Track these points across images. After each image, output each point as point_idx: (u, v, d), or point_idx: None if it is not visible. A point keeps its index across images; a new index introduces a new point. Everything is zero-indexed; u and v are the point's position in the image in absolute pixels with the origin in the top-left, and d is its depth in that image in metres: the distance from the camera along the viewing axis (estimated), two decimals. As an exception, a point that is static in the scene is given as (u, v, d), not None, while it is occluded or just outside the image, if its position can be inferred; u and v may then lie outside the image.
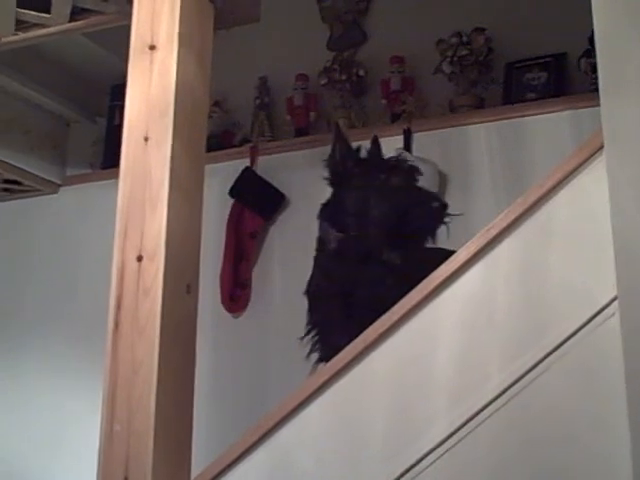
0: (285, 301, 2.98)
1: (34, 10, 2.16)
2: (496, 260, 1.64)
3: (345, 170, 2.20)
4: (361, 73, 3.16)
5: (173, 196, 1.63)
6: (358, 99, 3.17)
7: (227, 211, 3.15)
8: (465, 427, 1.55)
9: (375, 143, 2.26)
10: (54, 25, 2.20)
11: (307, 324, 2.16)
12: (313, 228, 2.45)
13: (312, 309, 2.18)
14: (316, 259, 2.22)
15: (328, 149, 3.09)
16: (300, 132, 3.22)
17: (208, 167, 1.86)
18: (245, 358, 3.02)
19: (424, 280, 1.68)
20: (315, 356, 2.14)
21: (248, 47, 3.29)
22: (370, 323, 1.69)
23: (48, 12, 2.15)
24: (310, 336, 2.16)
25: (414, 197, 2.18)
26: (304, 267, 2.34)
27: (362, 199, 2.14)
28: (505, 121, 2.88)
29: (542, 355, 1.54)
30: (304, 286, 2.21)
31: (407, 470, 1.58)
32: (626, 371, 1.41)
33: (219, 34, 1.95)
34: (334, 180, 2.21)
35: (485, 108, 2.96)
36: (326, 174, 2.21)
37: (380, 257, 2.09)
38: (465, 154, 2.91)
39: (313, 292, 2.18)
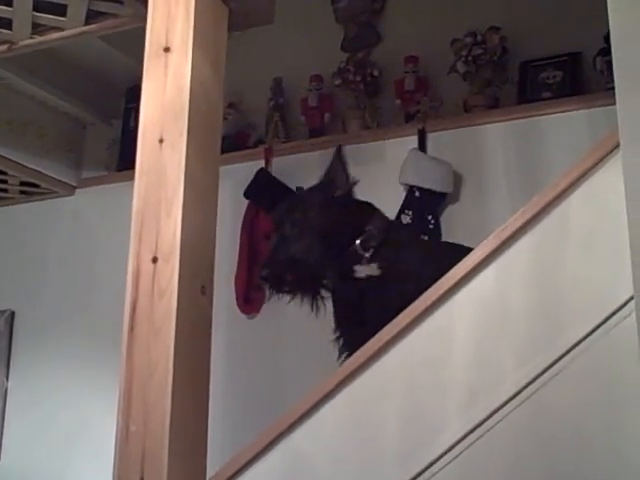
0: (299, 302, 2.98)
1: (50, 13, 2.17)
2: (511, 260, 1.64)
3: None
4: (375, 73, 3.15)
5: (188, 198, 1.64)
6: (372, 99, 3.17)
7: (242, 212, 3.16)
8: (480, 428, 1.55)
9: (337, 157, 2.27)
10: (70, 28, 2.21)
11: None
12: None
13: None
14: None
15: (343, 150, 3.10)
16: (314, 133, 3.22)
17: (223, 168, 1.87)
18: (260, 359, 3.03)
19: (438, 281, 1.68)
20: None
21: (262, 48, 3.29)
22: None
23: (64, 15, 2.16)
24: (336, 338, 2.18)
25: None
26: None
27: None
28: (520, 121, 2.87)
29: (557, 356, 1.53)
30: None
31: (422, 471, 1.58)
32: (643, 371, 1.40)
33: (233, 35, 1.96)
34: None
35: (500, 108, 2.95)
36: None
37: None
38: (480, 154, 2.90)
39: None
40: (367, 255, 2.13)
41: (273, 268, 2.14)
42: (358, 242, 2.14)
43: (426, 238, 2.77)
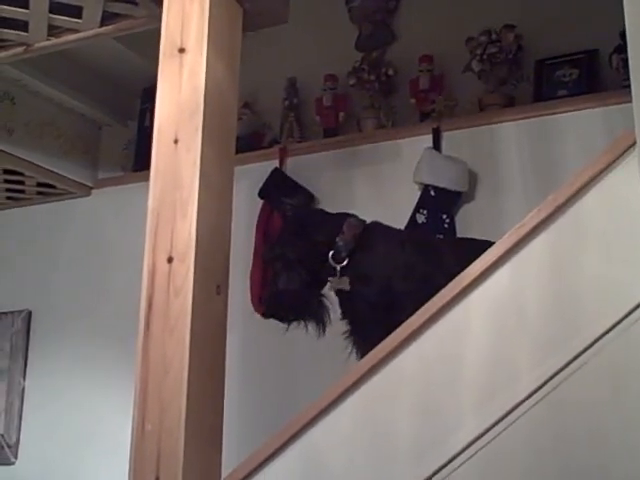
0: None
1: (65, 15, 2.18)
2: (527, 259, 1.63)
3: None
4: (390, 73, 3.15)
5: (203, 198, 1.64)
6: (387, 99, 3.17)
7: (256, 212, 3.16)
8: (496, 426, 1.54)
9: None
10: (85, 30, 2.23)
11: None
12: (342, 228, 2.44)
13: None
14: None
15: (357, 150, 3.10)
16: (329, 133, 3.22)
17: (237, 168, 1.87)
18: (274, 358, 3.03)
19: (454, 279, 1.68)
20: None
21: (277, 48, 3.30)
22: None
23: (79, 17, 2.17)
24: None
25: None
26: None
27: None
28: (535, 119, 2.85)
29: (574, 354, 1.53)
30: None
31: (439, 469, 1.57)
32: (659, 370, 1.39)
33: (247, 35, 1.96)
34: None
35: (515, 106, 2.94)
36: None
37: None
38: (495, 153, 2.89)
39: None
40: (339, 267, 2.16)
41: (269, 305, 2.22)
42: (330, 256, 2.17)
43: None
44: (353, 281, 2.16)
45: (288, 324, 2.23)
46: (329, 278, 2.18)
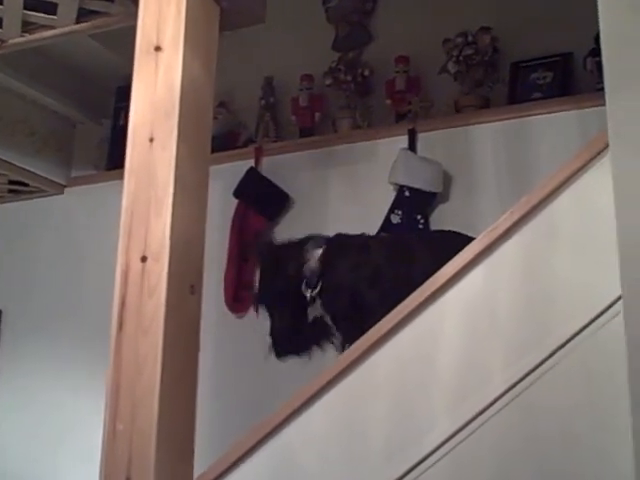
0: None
1: (40, 12, 2.16)
2: (500, 260, 1.64)
3: None
4: (366, 73, 3.15)
5: (178, 197, 1.64)
6: (363, 99, 3.17)
7: (231, 212, 3.15)
8: (468, 427, 1.55)
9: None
10: (60, 27, 2.21)
11: None
12: (317, 229, 2.45)
13: None
14: None
15: (333, 150, 3.11)
16: (305, 133, 3.22)
17: (213, 168, 1.86)
18: (248, 358, 3.02)
19: (427, 281, 1.68)
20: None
21: (253, 48, 3.29)
22: None
23: (54, 14, 2.15)
24: None
25: None
26: (308, 267, 2.33)
27: None
28: (510, 121, 2.87)
29: (545, 355, 1.54)
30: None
31: (411, 469, 1.58)
32: (629, 370, 1.41)
33: (224, 34, 1.95)
34: None
35: (490, 108, 2.95)
36: None
37: None
38: (470, 154, 2.91)
39: None
40: (309, 295, 2.17)
41: (279, 347, 2.22)
42: (303, 285, 2.18)
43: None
44: (324, 302, 2.15)
45: (308, 356, 2.22)
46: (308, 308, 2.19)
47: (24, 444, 3.36)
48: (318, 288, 2.16)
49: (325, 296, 2.15)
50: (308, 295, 2.16)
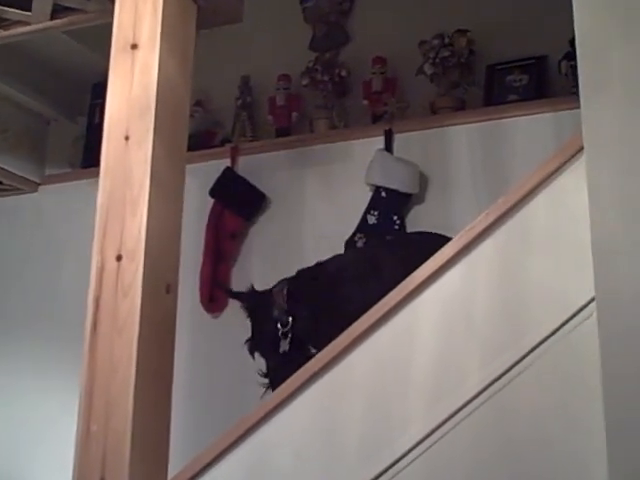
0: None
1: (15, 7, 2.14)
2: (476, 261, 1.65)
3: None
4: (343, 74, 3.15)
5: (153, 196, 1.63)
6: (340, 100, 3.17)
7: (207, 211, 3.14)
8: (442, 427, 1.56)
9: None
10: (35, 23, 2.19)
11: None
12: (293, 229, 2.46)
13: None
14: None
15: (309, 150, 3.11)
16: (281, 132, 3.22)
17: (189, 167, 1.86)
18: (224, 358, 3.01)
19: (403, 281, 1.69)
20: None
21: (231, 47, 3.28)
22: None
23: (29, 10, 2.13)
24: None
25: None
26: (284, 267, 2.34)
27: None
28: (486, 123, 2.89)
29: (519, 356, 1.55)
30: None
31: (385, 470, 1.58)
32: (602, 372, 1.42)
33: (202, 33, 1.95)
34: None
35: (466, 110, 2.97)
36: None
37: None
38: (446, 155, 2.92)
39: None
40: (282, 331, 2.21)
41: (272, 387, 2.22)
42: (278, 325, 2.22)
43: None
44: (298, 333, 2.20)
45: None
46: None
47: (-2, 444, 3.33)
48: (289, 324, 2.21)
49: (296, 328, 2.21)
50: (280, 332, 2.21)
